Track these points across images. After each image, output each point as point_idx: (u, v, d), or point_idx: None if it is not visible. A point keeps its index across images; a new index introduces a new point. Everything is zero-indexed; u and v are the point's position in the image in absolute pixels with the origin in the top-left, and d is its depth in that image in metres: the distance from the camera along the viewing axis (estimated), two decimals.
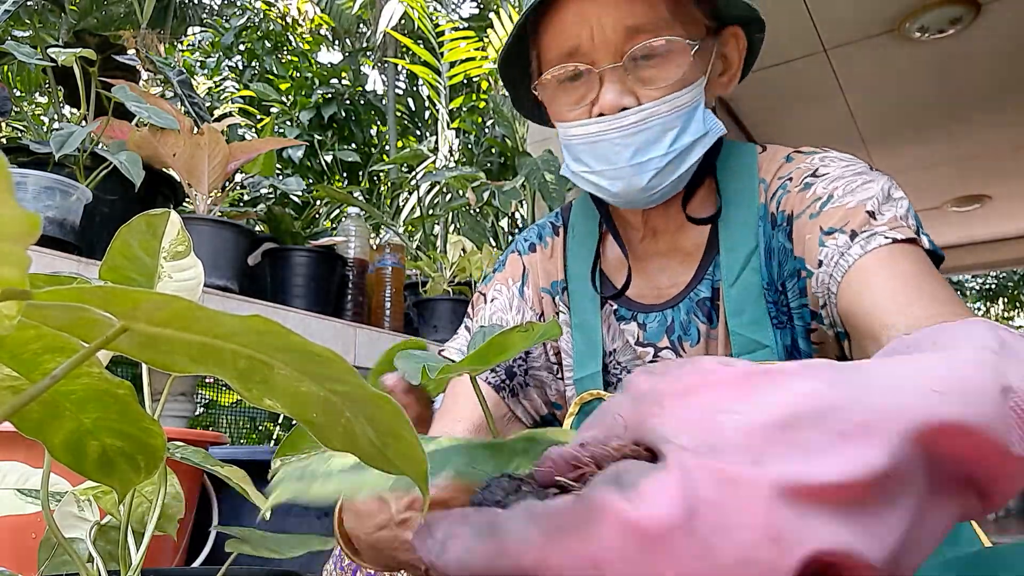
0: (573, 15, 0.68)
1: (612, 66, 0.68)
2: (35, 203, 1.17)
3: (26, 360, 0.26)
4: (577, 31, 0.68)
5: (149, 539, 0.46)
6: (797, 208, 0.70)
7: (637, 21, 0.66)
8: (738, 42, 0.75)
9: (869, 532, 0.21)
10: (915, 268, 0.59)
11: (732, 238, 0.74)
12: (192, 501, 1.12)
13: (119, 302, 0.19)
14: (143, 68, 1.87)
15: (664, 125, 0.68)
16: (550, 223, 0.89)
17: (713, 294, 0.75)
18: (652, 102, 0.68)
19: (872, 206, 0.65)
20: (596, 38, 0.67)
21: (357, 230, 1.85)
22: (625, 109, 0.68)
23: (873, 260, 0.61)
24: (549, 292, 0.85)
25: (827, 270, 0.65)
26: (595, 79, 0.69)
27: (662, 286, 0.78)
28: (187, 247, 0.52)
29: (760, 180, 0.75)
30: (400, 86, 4.32)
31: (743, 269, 0.72)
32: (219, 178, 1.49)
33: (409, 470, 0.23)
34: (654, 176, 0.69)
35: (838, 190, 0.67)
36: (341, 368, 0.21)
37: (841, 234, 0.64)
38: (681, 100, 0.68)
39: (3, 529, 0.88)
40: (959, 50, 2.86)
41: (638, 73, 0.68)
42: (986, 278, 10.28)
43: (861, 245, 0.62)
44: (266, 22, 4.50)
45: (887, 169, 3.00)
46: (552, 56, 0.71)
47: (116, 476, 0.32)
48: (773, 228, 0.72)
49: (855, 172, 0.69)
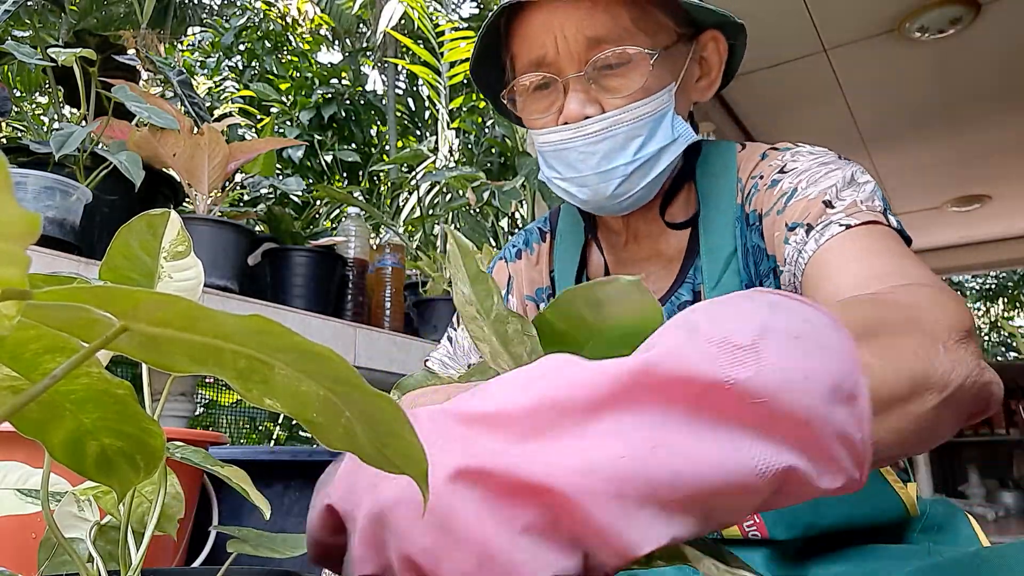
0: (539, 24, 0.69)
1: (575, 75, 0.68)
2: (35, 203, 1.17)
3: (26, 360, 0.26)
4: (543, 40, 0.69)
5: (149, 539, 0.46)
6: (766, 206, 0.70)
7: (598, 32, 0.67)
8: (718, 45, 0.75)
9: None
10: (873, 246, 0.58)
11: (711, 241, 0.74)
12: (192, 501, 1.12)
13: (119, 302, 0.19)
14: (143, 68, 1.88)
15: (628, 133, 0.69)
16: (538, 228, 0.90)
17: (694, 297, 0.75)
18: (615, 111, 0.68)
19: (830, 195, 0.64)
20: (560, 48, 0.68)
21: (357, 230, 1.85)
22: (588, 118, 0.69)
23: (827, 252, 0.60)
24: (533, 299, 0.85)
25: (790, 269, 0.65)
26: (560, 88, 0.70)
27: None
28: (187, 247, 0.52)
29: (737, 180, 0.75)
30: (400, 86, 4.32)
31: (723, 272, 0.72)
32: (219, 178, 1.49)
33: (409, 470, 0.23)
34: (620, 183, 0.70)
35: (802, 183, 0.68)
36: (341, 368, 0.21)
37: (800, 228, 0.64)
38: (645, 108, 0.69)
39: (3, 529, 0.88)
40: (959, 50, 2.86)
41: (601, 82, 0.69)
42: (986, 278, 10.28)
43: (816, 239, 0.62)
44: (266, 22, 4.50)
45: (887, 169, 3.00)
46: (522, 64, 0.72)
47: (115, 476, 0.32)
48: (747, 227, 0.73)
49: (820, 163, 0.69)
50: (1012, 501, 5.15)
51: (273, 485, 1.26)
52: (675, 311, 0.75)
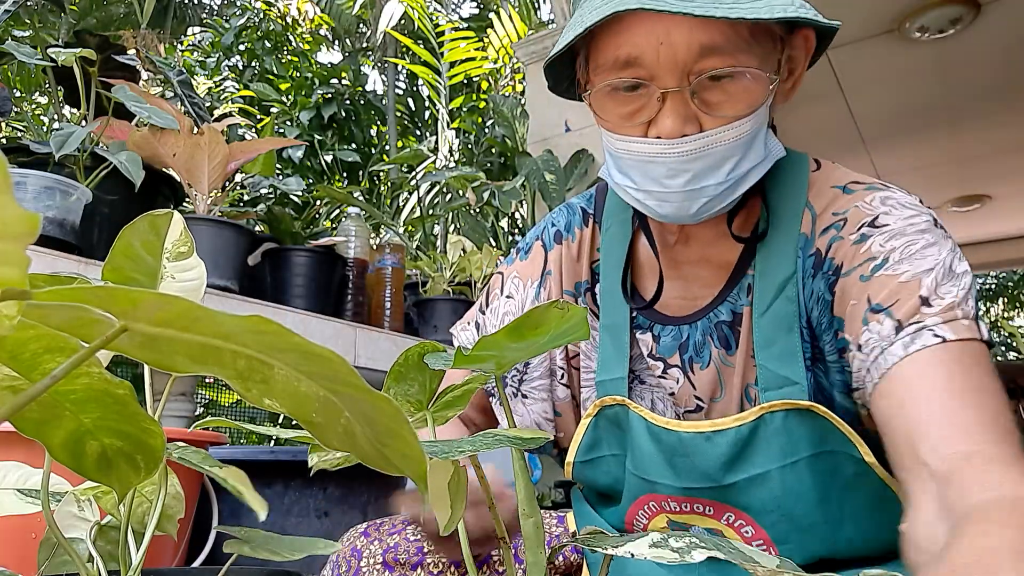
0: (640, 24, 0.60)
1: (676, 89, 0.61)
2: (35, 203, 1.18)
3: (26, 360, 0.26)
4: (642, 41, 0.61)
5: (149, 539, 0.46)
6: (848, 263, 0.64)
7: (714, 40, 0.59)
8: (807, 44, 0.68)
9: None
10: (967, 383, 0.54)
11: (768, 262, 0.68)
12: (192, 501, 1.12)
13: (119, 302, 0.19)
14: (143, 68, 1.87)
15: (725, 153, 0.63)
16: (581, 209, 0.83)
17: (734, 319, 0.70)
18: (716, 129, 0.62)
19: (927, 289, 0.59)
20: (663, 55, 0.60)
21: (357, 230, 1.85)
22: (686, 136, 0.62)
23: (914, 366, 0.56)
24: (572, 294, 0.81)
25: (865, 362, 0.60)
26: (654, 97, 0.62)
27: (684, 297, 0.74)
28: (190, 248, 0.52)
29: (807, 204, 0.69)
30: (400, 86, 4.32)
31: (776, 297, 0.67)
32: (219, 178, 1.49)
33: (408, 470, 0.23)
34: (706, 203, 0.65)
35: (895, 253, 0.62)
36: (341, 368, 0.21)
37: (887, 318, 0.59)
38: (745, 127, 0.63)
39: (3, 529, 0.88)
40: (959, 50, 2.86)
41: (704, 96, 0.62)
42: (986, 278, 10.28)
43: (904, 344, 0.57)
44: (266, 22, 4.49)
45: (887, 169, 2.99)
46: (607, 58, 0.64)
47: (115, 476, 0.32)
48: (815, 270, 0.67)
49: (918, 230, 0.63)
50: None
51: (273, 485, 1.26)
52: (710, 328, 0.71)
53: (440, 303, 2.02)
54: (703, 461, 0.66)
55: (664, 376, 0.74)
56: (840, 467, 0.63)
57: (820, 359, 0.66)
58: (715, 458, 0.65)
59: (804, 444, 0.63)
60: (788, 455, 0.63)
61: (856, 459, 0.62)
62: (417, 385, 0.49)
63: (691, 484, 0.67)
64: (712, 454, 0.65)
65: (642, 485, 0.71)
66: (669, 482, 0.68)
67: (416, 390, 0.49)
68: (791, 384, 0.64)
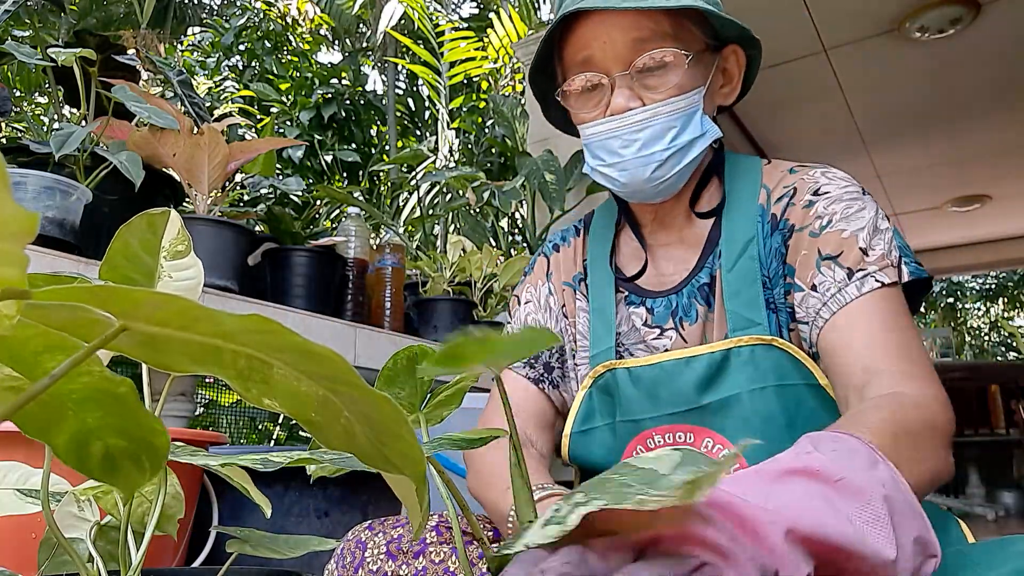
0: (589, 30, 0.80)
1: (621, 74, 0.80)
2: (35, 203, 1.18)
3: (26, 360, 0.26)
4: (592, 43, 0.80)
5: (149, 539, 0.46)
6: (799, 222, 0.80)
7: (643, 34, 0.78)
8: (737, 58, 0.87)
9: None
10: (894, 320, 0.72)
11: (732, 229, 0.84)
12: (192, 501, 1.12)
13: (119, 301, 0.19)
14: (143, 68, 1.88)
15: (665, 124, 0.80)
16: (574, 226, 1.02)
17: (711, 280, 0.85)
18: (655, 103, 0.80)
19: (864, 241, 0.75)
20: (608, 50, 0.80)
21: (357, 230, 1.85)
22: (631, 110, 0.80)
23: (862, 305, 0.72)
24: (570, 285, 0.96)
25: (821, 298, 0.75)
26: (607, 88, 0.81)
27: (666, 274, 0.89)
28: (187, 246, 0.52)
29: (763, 186, 0.86)
30: (400, 86, 4.32)
31: (740, 256, 0.82)
32: (219, 178, 1.49)
33: (407, 470, 0.23)
34: (657, 168, 0.81)
35: (836, 214, 0.78)
36: (341, 368, 0.21)
37: (837, 267, 0.75)
38: (679, 104, 0.80)
39: (3, 529, 0.88)
40: (959, 50, 2.86)
41: (643, 81, 0.80)
42: (986, 278, 10.28)
43: (856, 286, 0.73)
44: (266, 22, 4.50)
45: (887, 169, 2.99)
46: (572, 65, 0.83)
47: (120, 477, 0.32)
48: (772, 229, 0.82)
49: (852, 197, 0.80)
50: (1012, 501, 5.15)
51: (273, 485, 1.26)
52: (694, 291, 0.85)
53: (440, 303, 2.02)
54: (683, 384, 0.80)
55: (659, 338, 0.86)
56: (803, 399, 0.76)
57: (774, 305, 0.81)
58: (692, 381, 0.79)
59: (770, 375, 0.76)
60: (756, 381, 0.76)
61: (815, 387, 0.76)
62: (408, 388, 0.49)
63: (672, 409, 0.80)
64: (690, 378, 0.79)
65: (630, 429, 0.83)
66: (653, 414, 0.81)
67: (407, 393, 0.49)
68: (756, 325, 0.79)
